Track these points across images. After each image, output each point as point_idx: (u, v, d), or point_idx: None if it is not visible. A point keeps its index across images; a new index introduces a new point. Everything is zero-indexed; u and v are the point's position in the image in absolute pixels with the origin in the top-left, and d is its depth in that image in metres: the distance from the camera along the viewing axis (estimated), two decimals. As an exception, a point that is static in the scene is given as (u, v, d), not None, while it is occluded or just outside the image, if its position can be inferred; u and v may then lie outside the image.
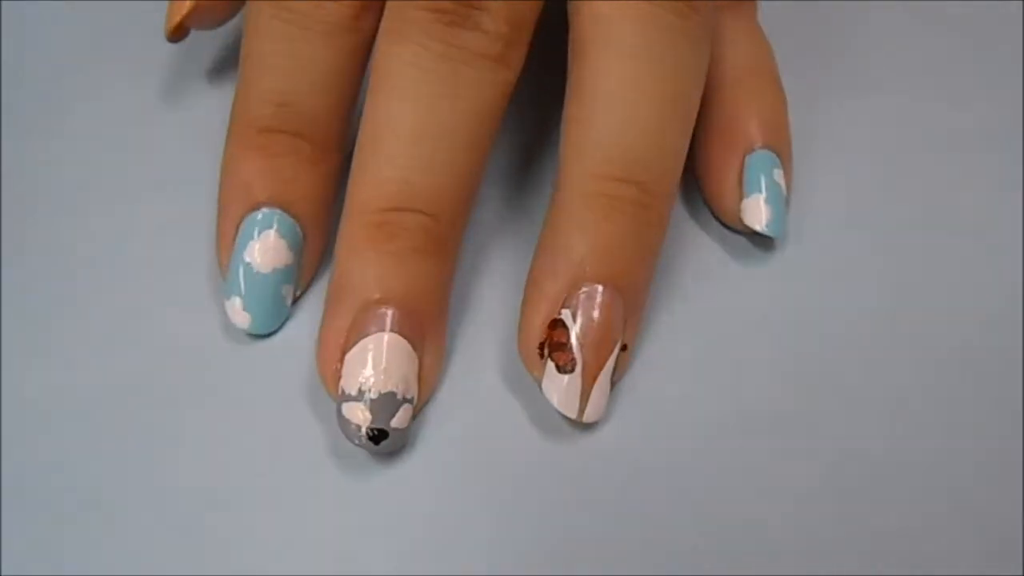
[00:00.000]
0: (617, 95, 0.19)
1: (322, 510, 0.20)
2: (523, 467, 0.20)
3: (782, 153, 0.22)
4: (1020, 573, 0.18)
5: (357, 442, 0.19)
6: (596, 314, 0.19)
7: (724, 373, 0.21)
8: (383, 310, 0.19)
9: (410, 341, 0.19)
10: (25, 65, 0.27)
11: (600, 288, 0.19)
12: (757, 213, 0.22)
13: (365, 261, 0.19)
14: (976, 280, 0.22)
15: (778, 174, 0.22)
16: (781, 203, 0.22)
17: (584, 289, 0.19)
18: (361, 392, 0.19)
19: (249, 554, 0.19)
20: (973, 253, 0.22)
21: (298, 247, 0.21)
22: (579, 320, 0.19)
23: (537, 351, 0.19)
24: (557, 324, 0.19)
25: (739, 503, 0.19)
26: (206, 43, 0.27)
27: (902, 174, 0.24)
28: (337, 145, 0.21)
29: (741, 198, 0.22)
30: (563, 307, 0.19)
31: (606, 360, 0.19)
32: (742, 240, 0.23)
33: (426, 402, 0.20)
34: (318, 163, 0.21)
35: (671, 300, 0.22)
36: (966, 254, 0.22)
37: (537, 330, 0.19)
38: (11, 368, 0.22)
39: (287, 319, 0.21)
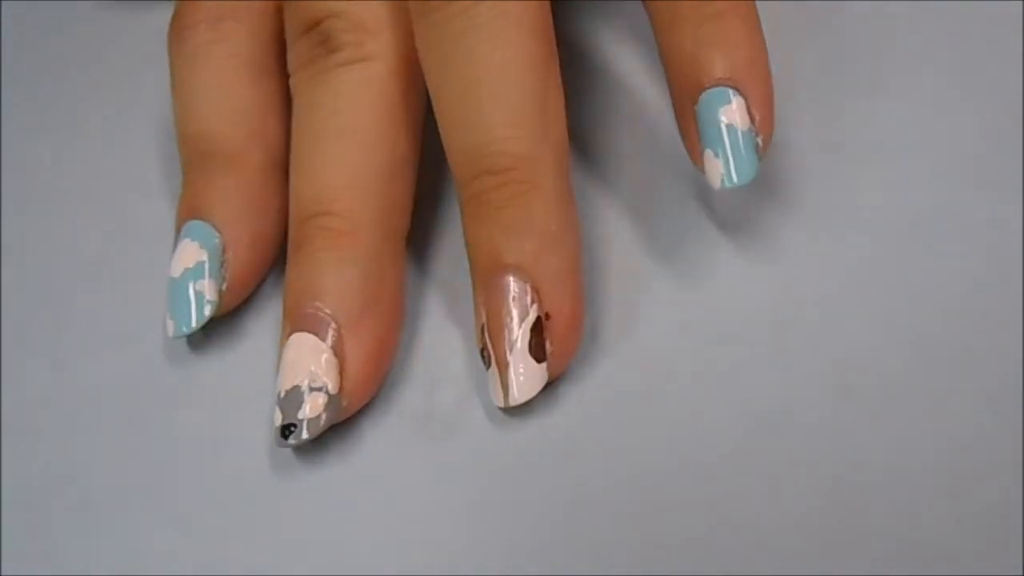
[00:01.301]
0: (438, 113, 0.21)
1: (307, 507, 0.20)
2: (507, 465, 0.20)
3: (738, 77, 0.20)
4: (1020, 573, 0.18)
5: (279, 444, 0.19)
6: (491, 306, 0.20)
7: (720, 373, 0.21)
8: (298, 313, 0.20)
9: (317, 335, 0.20)
10: (25, 65, 0.27)
11: (487, 280, 0.20)
12: (713, 173, 0.20)
13: (288, 276, 0.21)
14: (976, 280, 0.22)
15: (728, 111, 0.20)
16: (738, 144, 0.20)
17: (486, 288, 0.20)
18: (277, 395, 0.20)
19: (245, 552, 0.19)
20: (973, 253, 0.22)
21: (212, 245, 0.21)
22: (486, 317, 0.20)
23: (481, 356, 0.20)
24: (483, 329, 0.20)
25: (735, 502, 0.19)
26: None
27: (901, 174, 0.24)
28: (247, 145, 0.22)
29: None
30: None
31: (508, 339, 0.19)
32: (739, 238, 0.23)
33: (361, 394, 0.20)
34: (230, 169, 0.22)
35: (665, 298, 0.22)
36: (966, 254, 0.22)
37: (478, 342, 0.20)
38: (11, 368, 0.22)
39: (211, 313, 0.21)
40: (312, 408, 0.19)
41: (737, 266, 0.22)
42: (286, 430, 0.19)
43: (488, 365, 0.20)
